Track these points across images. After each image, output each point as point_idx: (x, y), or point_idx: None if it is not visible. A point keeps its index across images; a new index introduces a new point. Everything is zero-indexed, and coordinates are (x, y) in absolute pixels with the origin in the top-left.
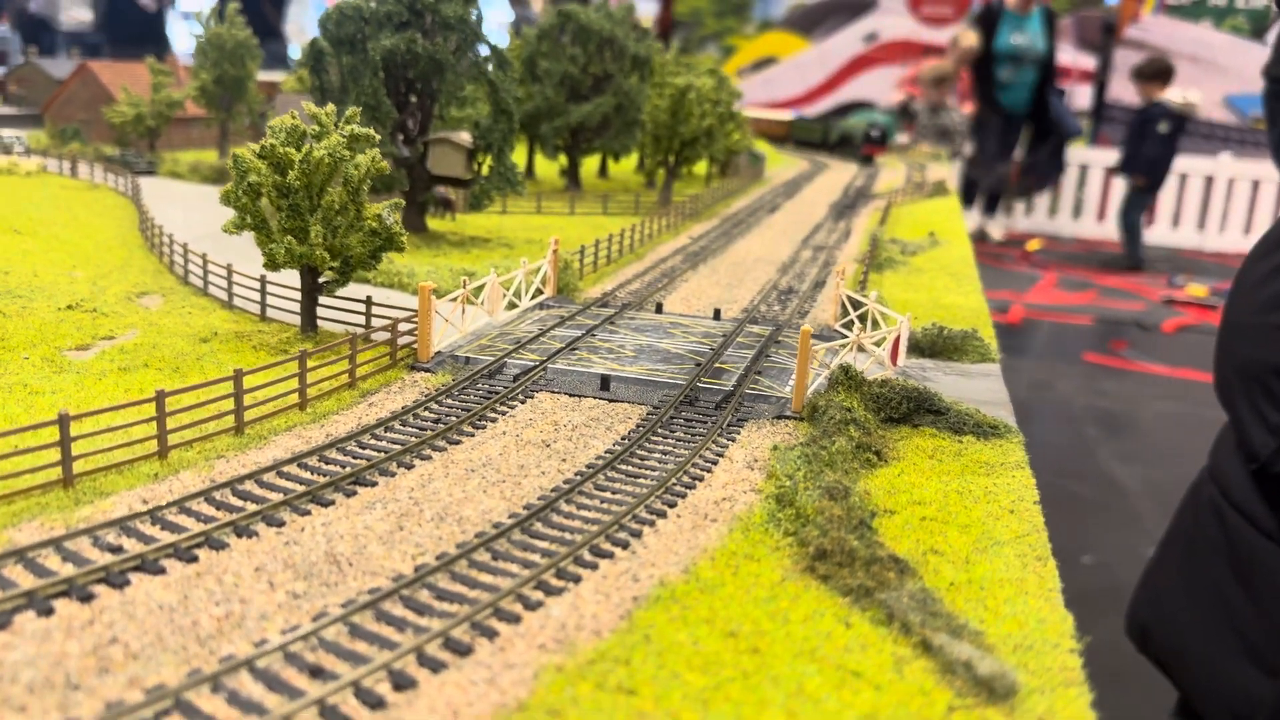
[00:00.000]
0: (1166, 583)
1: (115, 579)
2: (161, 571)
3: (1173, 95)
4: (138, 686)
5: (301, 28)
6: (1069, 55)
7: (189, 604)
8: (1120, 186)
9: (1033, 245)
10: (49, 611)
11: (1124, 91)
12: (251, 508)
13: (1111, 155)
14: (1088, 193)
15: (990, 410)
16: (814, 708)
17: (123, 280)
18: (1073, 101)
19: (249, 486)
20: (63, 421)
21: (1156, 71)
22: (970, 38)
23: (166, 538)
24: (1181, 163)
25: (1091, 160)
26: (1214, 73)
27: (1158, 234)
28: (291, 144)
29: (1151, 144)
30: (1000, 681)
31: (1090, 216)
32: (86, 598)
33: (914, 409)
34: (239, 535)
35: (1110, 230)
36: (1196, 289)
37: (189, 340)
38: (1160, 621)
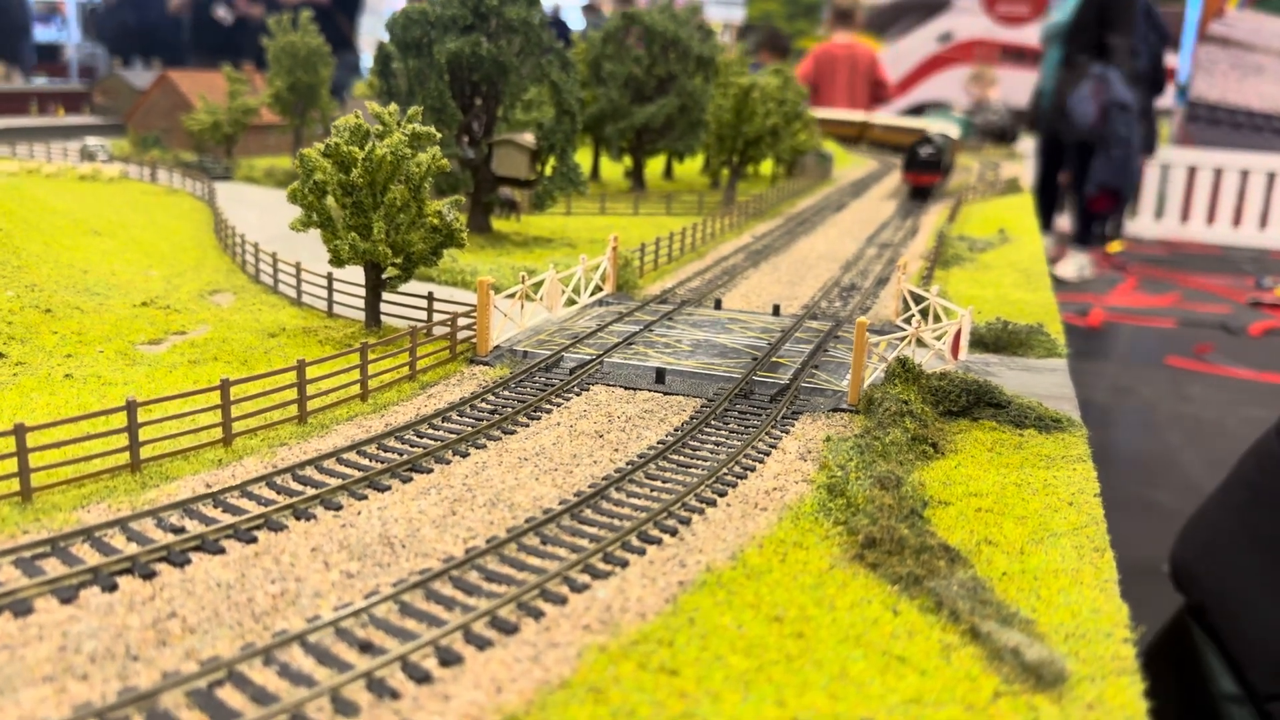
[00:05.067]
0: (1220, 530)
1: (176, 558)
2: (221, 551)
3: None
4: (194, 658)
5: (377, 38)
6: None
7: (246, 582)
8: (1209, 186)
9: (1113, 247)
10: (113, 587)
11: (1209, 89)
12: (310, 492)
13: (1197, 155)
14: (1170, 193)
15: (1054, 404)
16: (857, 691)
17: (196, 279)
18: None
19: (309, 472)
20: (130, 408)
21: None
22: None
23: (227, 519)
24: (1270, 162)
25: (1174, 160)
26: None
27: (1244, 235)
28: (355, 143)
29: None
30: (1048, 668)
31: (1173, 217)
32: (148, 575)
33: (974, 402)
34: (297, 518)
35: (1194, 231)
36: None
37: (258, 335)
38: (1208, 565)
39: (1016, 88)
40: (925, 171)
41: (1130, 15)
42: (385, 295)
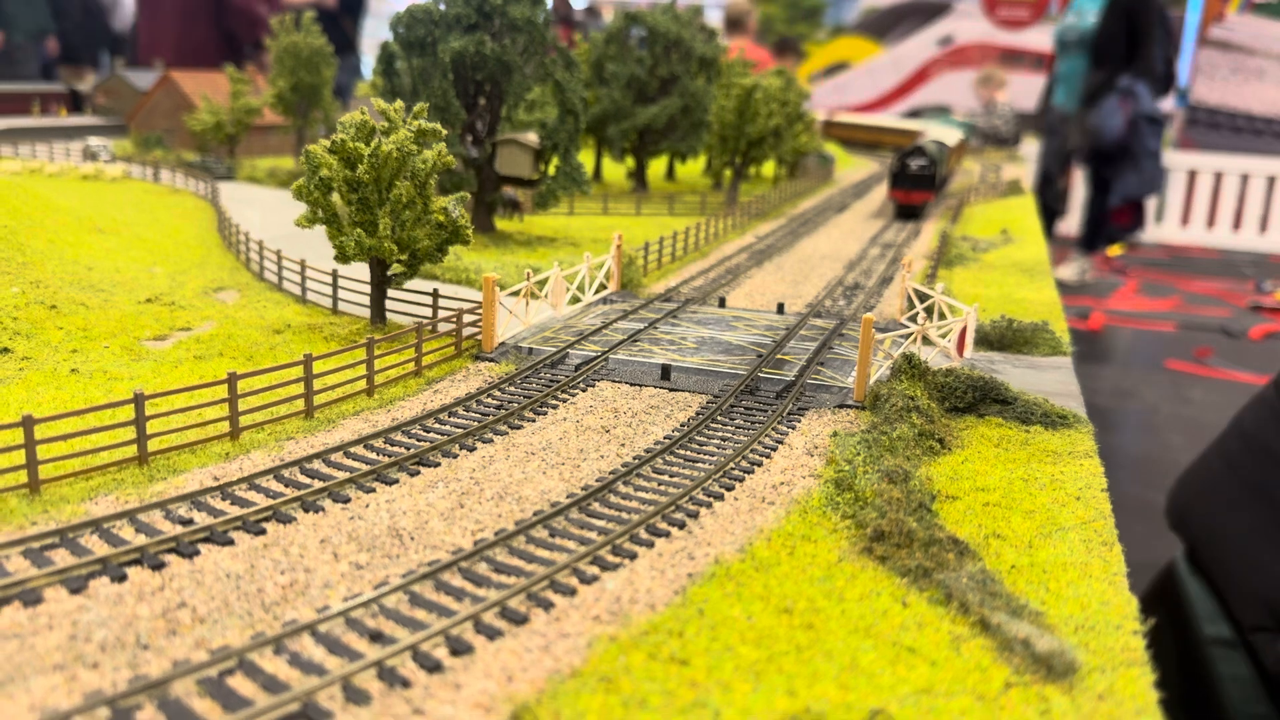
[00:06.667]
0: (1215, 476)
1: (185, 549)
2: (230, 543)
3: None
4: (204, 647)
5: (380, 41)
6: None
7: (255, 573)
8: (1209, 190)
9: (1114, 251)
10: (122, 578)
11: (1209, 93)
12: (318, 485)
13: (1197, 159)
14: (1170, 197)
15: (1059, 401)
16: (867, 681)
17: (200, 276)
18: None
19: (317, 465)
20: (138, 401)
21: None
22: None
23: (235, 511)
24: (1270, 166)
25: (1175, 164)
26: None
27: (1244, 239)
28: (361, 139)
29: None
30: (1059, 659)
31: (1173, 221)
32: (158, 565)
33: (980, 398)
34: (306, 510)
35: (1194, 235)
36: None
37: (263, 332)
38: (1203, 509)
39: (1017, 91)
40: (916, 188)
41: (1155, 23)
42: (390, 292)
